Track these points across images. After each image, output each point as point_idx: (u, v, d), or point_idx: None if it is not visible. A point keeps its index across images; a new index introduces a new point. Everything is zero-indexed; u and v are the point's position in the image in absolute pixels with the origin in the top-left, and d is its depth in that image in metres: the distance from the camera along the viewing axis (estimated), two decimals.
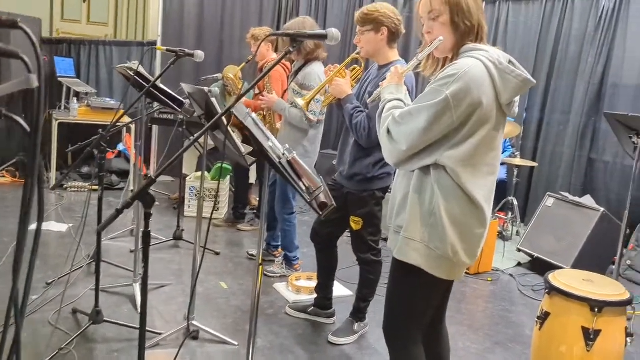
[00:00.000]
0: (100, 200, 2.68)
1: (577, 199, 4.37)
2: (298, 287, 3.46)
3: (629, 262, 4.35)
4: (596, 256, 4.08)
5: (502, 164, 5.47)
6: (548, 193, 4.55)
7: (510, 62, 1.70)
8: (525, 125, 5.53)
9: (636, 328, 3.37)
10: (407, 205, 1.74)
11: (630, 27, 4.75)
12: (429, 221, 1.68)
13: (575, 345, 2.05)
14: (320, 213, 1.58)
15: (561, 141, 5.30)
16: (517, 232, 5.23)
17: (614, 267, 4.16)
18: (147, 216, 1.66)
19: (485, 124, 1.63)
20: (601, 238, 4.05)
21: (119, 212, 1.58)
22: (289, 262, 3.74)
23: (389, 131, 1.71)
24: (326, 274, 3.06)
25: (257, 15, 6.29)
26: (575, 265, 3.98)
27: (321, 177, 1.74)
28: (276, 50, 4.45)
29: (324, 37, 1.74)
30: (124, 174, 5.88)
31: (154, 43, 6.26)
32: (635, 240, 4.40)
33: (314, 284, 3.47)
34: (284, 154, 1.61)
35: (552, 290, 2.18)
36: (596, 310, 2.02)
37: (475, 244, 1.73)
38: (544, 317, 2.18)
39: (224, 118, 1.64)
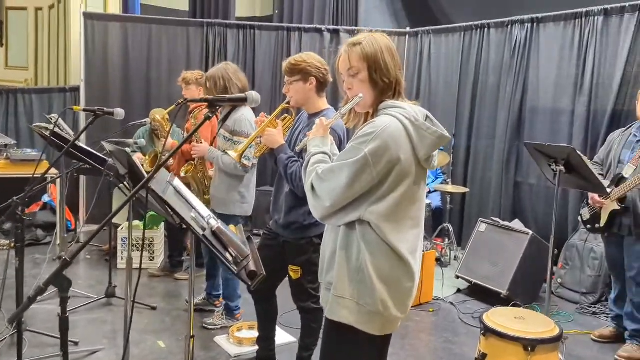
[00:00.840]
0: (18, 272, 2.51)
1: (507, 223, 4.53)
2: (240, 339, 3.36)
3: (559, 281, 4.53)
4: (529, 278, 4.22)
5: (435, 191, 5.61)
6: (480, 219, 4.69)
7: (427, 118, 1.74)
8: (455, 152, 5.71)
9: (570, 348, 3.51)
10: (335, 262, 1.74)
11: (541, 54, 5.03)
12: (357, 277, 1.69)
13: None
14: (250, 284, 1.53)
15: (489, 166, 5.51)
16: (455, 256, 5.36)
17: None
18: (64, 301, 1.56)
19: (405, 179, 1.67)
20: (532, 260, 4.20)
21: (31, 300, 1.48)
22: (230, 312, 3.64)
23: (313, 187, 1.73)
24: (267, 325, 3.00)
25: (185, 55, 6.21)
26: (511, 289, 4.10)
27: (249, 242, 1.70)
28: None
29: (243, 100, 1.73)
30: (50, 227, 5.58)
31: (76, 88, 6.07)
32: (564, 259, 4.59)
33: (256, 333, 3.39)
34: (208, 224, 1.55)
35: (487, 331, 2.23)
36: (529, 349, 2.08)
37: (405, 297, 1.74)
38: (481, 358, 2.21)
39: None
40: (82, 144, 3.77)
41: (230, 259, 1.54)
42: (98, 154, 2.81)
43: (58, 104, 6.11)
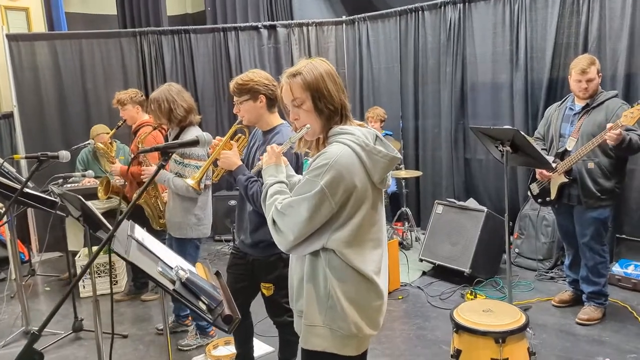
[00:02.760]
0: None
1: (462, 203, 4.67)
2: (217, 357, 3.36)
3: (517, 250, 4.73)
4: (489, 253, 4.39)
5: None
6: (436, 201, 4.81)
7: (377, 138, 1.77)
8: (404, 135, 5.82)
9: (535, 316, 3.69)
10: (304, 291, 1.76)
11: (476, 33, 5.16)
12: (327, 304, 1.72)
13: None
14: (227, 330, 1.54)
15: (438, 146, 5.64)
16: (416, 238, 5.50)
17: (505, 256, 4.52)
18: None
19: (363, 204, 1.70)
20: (489, 235, 4.36)
21: None
22: (202, 330, 3.61)
23: (274, 222, 1.73)
24: (244, 343, 3.00)
25: (120, 66, 6.01)
26: (473, 266, 4.25)
27: (217, 277, 1.70)
28: (147, 111, 4.29)
29: (195, 143, 1.71)
30: (2, 262, 5.37)
31: (9, 115, 5.80)
32: (518, 229, 4.79)
33: (232, 349, 3.39)
34: (177, 275, 1.54)
35: (459, 328, 2.32)
36: (500, 341, 2.18)
37: (376, 315, 1.79)
38: (457, 354, 2.31)
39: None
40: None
41: (204, 307, 1.53)
42: (47, 197, 2.71)
43: None
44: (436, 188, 5.66)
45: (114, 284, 4.70)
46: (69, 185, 4.57)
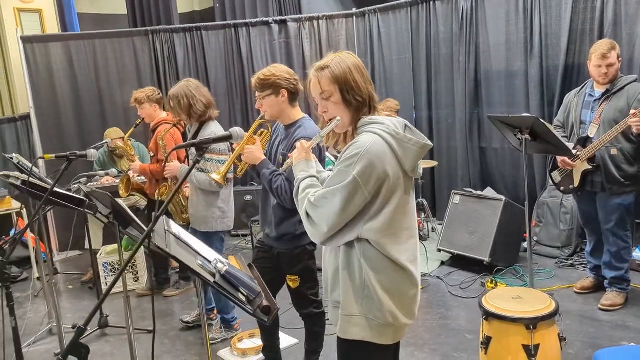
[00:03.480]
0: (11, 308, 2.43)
1: (480, 192, 4.67)
2: (243, 350, 3.40)
3: (535, 238, 4.73)
4: (507, 241, 4.39)
5: None
6: (453, 191, 4.82)
7: (406, 127, 1.78)
8: (417, 125, 5.81)
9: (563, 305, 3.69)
10: (339, 281, 1.78)
11: (489, 21, 5.14)
12: (363, 294, 1.74)
13: None
14: (266, 320, 1.56)
15: (452, 135, 5.63)
16: (433, 228, 5.51)
17: (524, 244, 4.52)
18: None
19: (395, 192, 1.71)
20: (508, 224, 4.37)
21: None
22: (227, 324, 3.66)
23: (308, 214, 1.75)
24: (270, 335, 3.03)
25: (134, 65, 6.04)
26: (492, 255, 4.26)
27: (250, 269, 1.72)
28: (164, 109, 4.32)
29: (228, 138, 1.73)
30: (24, 262, 5.45)
31: (26, 116, 5.86)
32: (537, 217, 4.78)
33: (258, 341, 3.42)
34: (216, 268, 1.57)
35: (489, 315, 2.33)
36: (531, 327, 2.19)
37: (411, 304, 1.81)
38: (487, 342, 2.32)
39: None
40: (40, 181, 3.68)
41: (244, 299, 1.56)
42: (75, 195, 2.75)
43: (10, 135, 5.89)
44: (452, 178, 5.66)
45: (135, 281, 4.76)
46: (91, 184, 4.63)
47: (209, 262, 1.61)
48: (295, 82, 2.62)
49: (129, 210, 2.21)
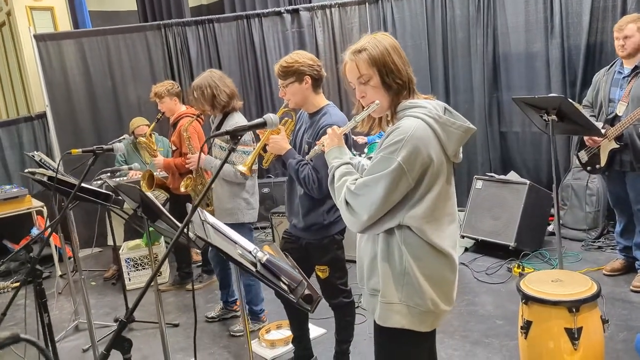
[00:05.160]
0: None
1: (503, 177, 4.60)
2: (272, 341, 3.38)
3: (560, 222, 4.65)
4: (532, 225, 4.33)
5: None
6: (475, 176, 4.75)
7: (446, 110, 1.73)
8: None
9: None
10: (378, 269, 1.75)
11: (506, 2, 5.05)
12: (403, 281, 1.70)
13: (562, 347, 2.16)
14: (309, 309, 1.53)
15: (471, 120, 5.46)
16: None
17: (549, 228, 4.46)
18: None
19: (438, 178, 1.67)
20: (533, 208, 4.30)
21: None
22: (254, 315, 3.64)
23: (347, 203, 1.71)
24: (300, 326, 3.01)
25: (147, 60, 6.02)
26: (517, 239, 4.20)
27: (296, 268, 1.69)
28: (184, 102, 4.30)
29: (263, 125, 1.69)
30: (46, 260, 5.47)
31: (42, 115, 5.86)
32: (561, 200, 4.70)
33: (286, 332, 3.41)
34: (256, 257, 1.54)
35: (528, 299, 2.28)
36: (574, 310, 2.14)
37: (450, 291, 1.77)
38: (527, 326, 2.27)
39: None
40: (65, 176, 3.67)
41: (286, 288, 1.53)
42: (101, 190, 2.73)
43: (27, 134, 5.90)
44: (472, 164, 5.58)
45: (159, 276, 4.75)
46: (117, 179, 4.62)
47: (249, 251, 1.58)
48: (319, 68, 2.57)
49: (158, 204, 2.19)
